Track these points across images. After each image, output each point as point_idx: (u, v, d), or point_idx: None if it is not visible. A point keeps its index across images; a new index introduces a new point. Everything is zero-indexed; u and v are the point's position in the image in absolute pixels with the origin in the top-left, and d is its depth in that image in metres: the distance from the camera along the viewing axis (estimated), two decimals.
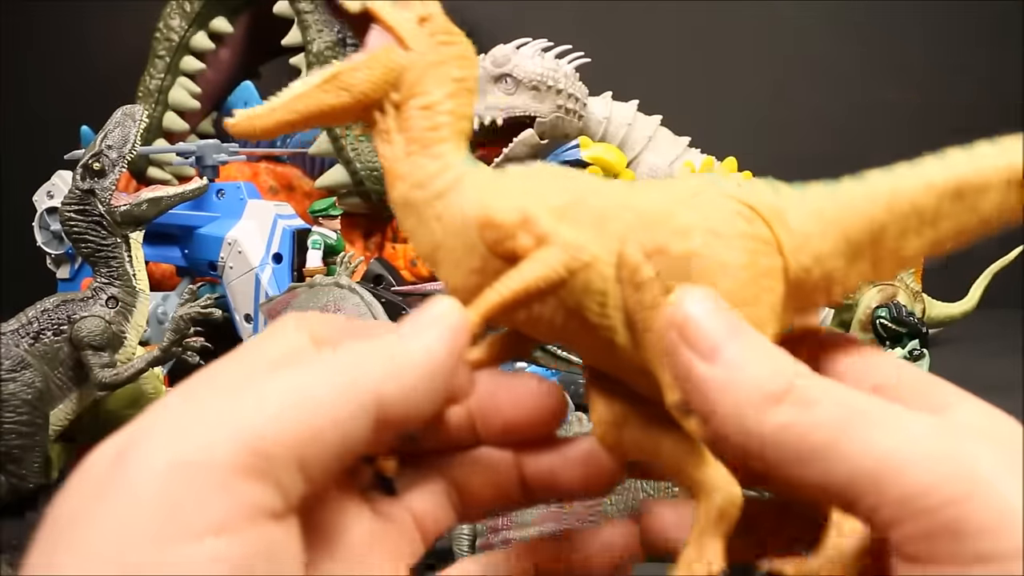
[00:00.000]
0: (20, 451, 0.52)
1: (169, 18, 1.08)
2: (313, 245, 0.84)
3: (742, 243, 0.23)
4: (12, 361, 0.53)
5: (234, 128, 0.25)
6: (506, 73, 1.02)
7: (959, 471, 0.18)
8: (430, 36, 0.27)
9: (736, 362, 0.20)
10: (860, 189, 0.25)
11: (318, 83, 0.26)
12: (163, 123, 1.08)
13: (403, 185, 0.26)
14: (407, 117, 0.26)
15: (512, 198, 0.24)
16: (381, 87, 0.26)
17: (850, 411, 0.19)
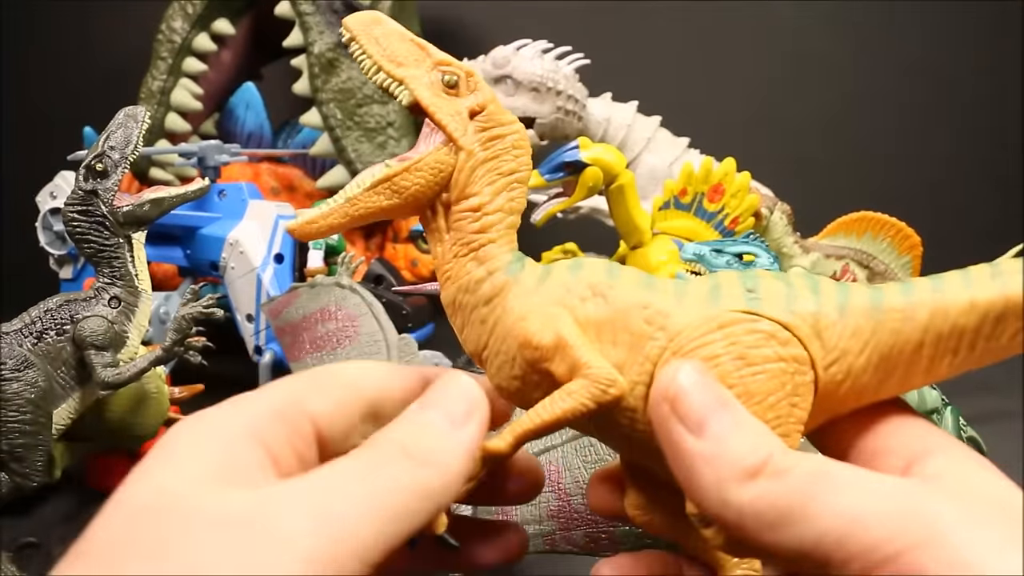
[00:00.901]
0: (23, 450, 0.53)
1: (171, 20, 1.09)
2: (314, 245, 0.85)
3: (774, 368, 0.24)
4: (15, 360, 0.53)
5: (293, 233, 0.26)
6: (506, 75, 1.02)
7: (916, 522, 0.19)
8: (482, 131, 0.27)
9: (721, 436, 0.22)
10: (901, 306, 0.24)
11: (370, 187, 0.26)
12: (165, 124, 1.08)
13: (452, 287, 0.27)
14: (457, 218, 0.27)
15: (551, 314, 0.25)
16: (432, 188, 0.26)
17: (816, 478, 0.20)
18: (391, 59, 0.26)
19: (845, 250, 0.94)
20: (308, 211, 0.26)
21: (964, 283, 0.24)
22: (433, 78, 0.27)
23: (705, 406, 0.22)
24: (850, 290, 0.25)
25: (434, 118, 0.26)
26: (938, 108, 1.42)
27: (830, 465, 0.21)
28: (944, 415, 0.64)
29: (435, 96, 0.26)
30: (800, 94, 1.43)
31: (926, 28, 1.41)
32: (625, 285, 0.26)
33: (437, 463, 0.22)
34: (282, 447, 0.22)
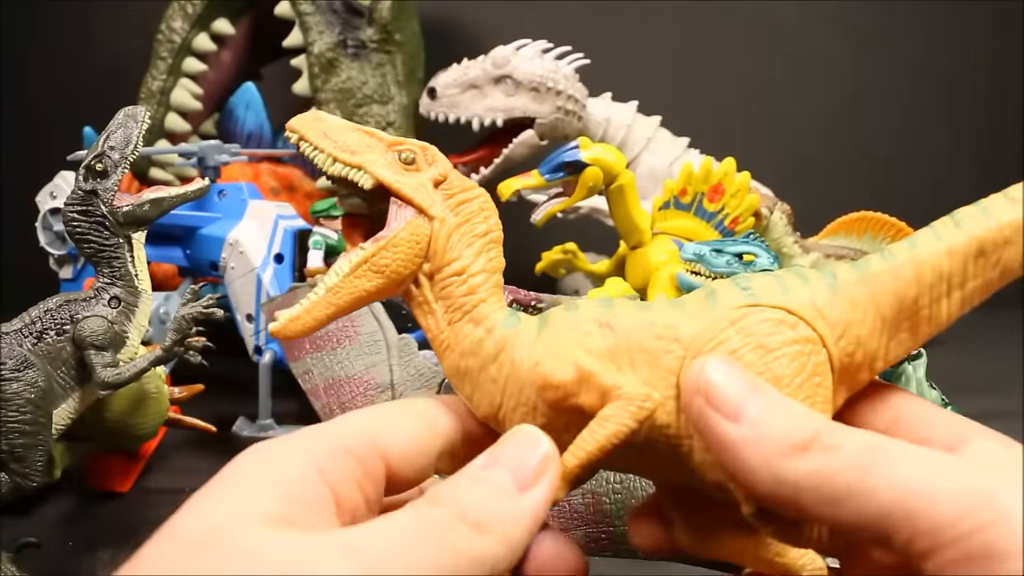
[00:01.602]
0: (23, 450, 0.53)
1: (171, 20, 1.09)
2: (314, 245, 0.85)
3: (791, 351, 0.24)
4: (15, 360, 0.53)
5: (278, 335, 0.26)
6: (506, 75, 1.02)
7: (982, 501, 0.19)
8: (449, 198, 0.27)
9: (760, 419, 0.22)
10: (886, 268, 0.25)
11: (349, 272, 0.26)
12: (165, 124, 1.08)
13: (453, 355, 0.27)
14: (443, 285, 0.27)
15: (564, 352, 0.25)
16: (413, 261, 0.26)
17: (873, 452, 0.20)
18: (344, 149, 0.28)
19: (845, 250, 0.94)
20: (290, 310, 0.26)
21: (935, 236, 0.25)
22: (390, 158, 0.27)
23: (739, 393, 0.22)
24: (835, 269, 0.26)
25: (400, 194, 0.27)
26: (938, 108, 1.42)
27: (882, 438, 0.21)
28: None
29: (396, 174, 0.27)
30: (800, 94, 1.43)
31: (926, 28, 1.41)
32: (626, 311, 0.26)
33: (498, 532, 0.21)
34: (348, 486, 0.22)
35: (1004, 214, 0.24)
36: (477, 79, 1.04)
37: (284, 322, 0.26)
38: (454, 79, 1.05)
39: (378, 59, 1.08)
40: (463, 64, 1.06)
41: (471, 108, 1.04)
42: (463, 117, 1.04)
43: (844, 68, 1.43)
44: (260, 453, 0.22)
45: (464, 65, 1.06)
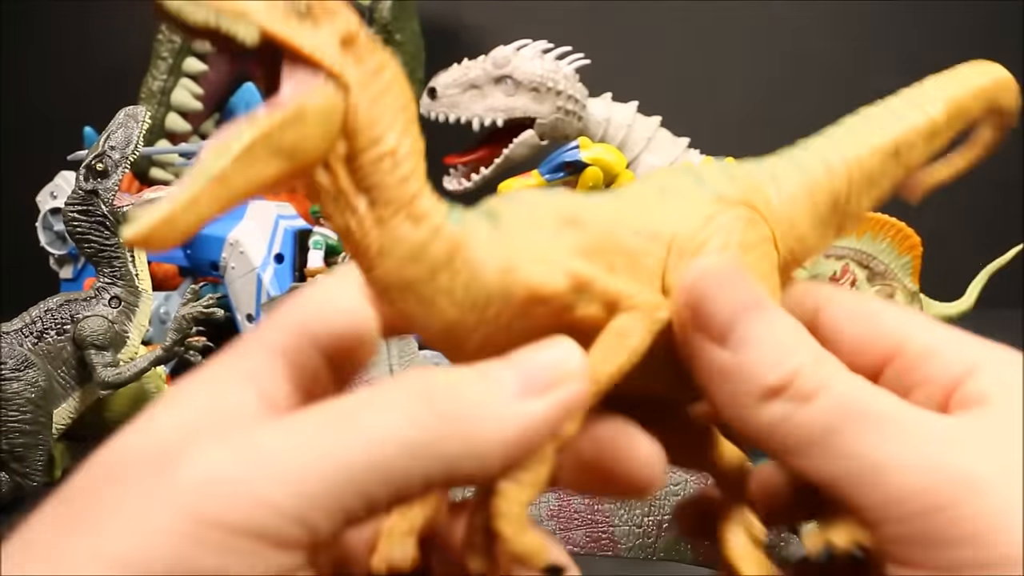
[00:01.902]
0: (24, 449, 0.53)
1: None
2: (314, 245, 0.85)
3: (764, 249, 0.23)
4: (16, 360, 0.53)
5: (142, 243, 0.19)
6: (506, 75, 1.02)
7: (950, 478, 0.17)
8: (360, 63, 0.21)
9: (744, 344, 0.19)
10: (820, 164, 0.25)
11: (243, 154, 0.20)
12: (166, 124, 1.08)
13: (389, 263, 0.20)
14: (367, 172, 0.20)
15: (546, 255, 0.20)
16: (327, 140, 0.20)
17: (846, 410, 0.18)
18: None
19: (845, 250, 0.94)
20: (156, 207, 0.19)
21: (854, 136, 0.26)
22: (278, 6, 0.20)
23: (731, 307, 0.19)
24: (771, 163, 0.25)
25: (302, 52, 0.20)
26: None
27: (865, 393, 0.19)
28: None
29: (290, 28, 0.20)
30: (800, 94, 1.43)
31: (926, 28, 1.41)
32: (589, 204, 0.22)
33: (469, 426, 0.17)
34: (280, 387, 0.18)
35: (911, 118, 0.26)
36: (477, 79, 1.04)
37: (151, 225, 0.18)
38: (454, 79, 1.05)
39: None
40: (463, 64, 1.06)
41: (471, 108, 1.04)
42: (463, 117, 1.04)
43: (844, 68, 1.43)
44: (194, 372, 0.19)
45: (464, 65, 1.06)
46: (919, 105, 0.26)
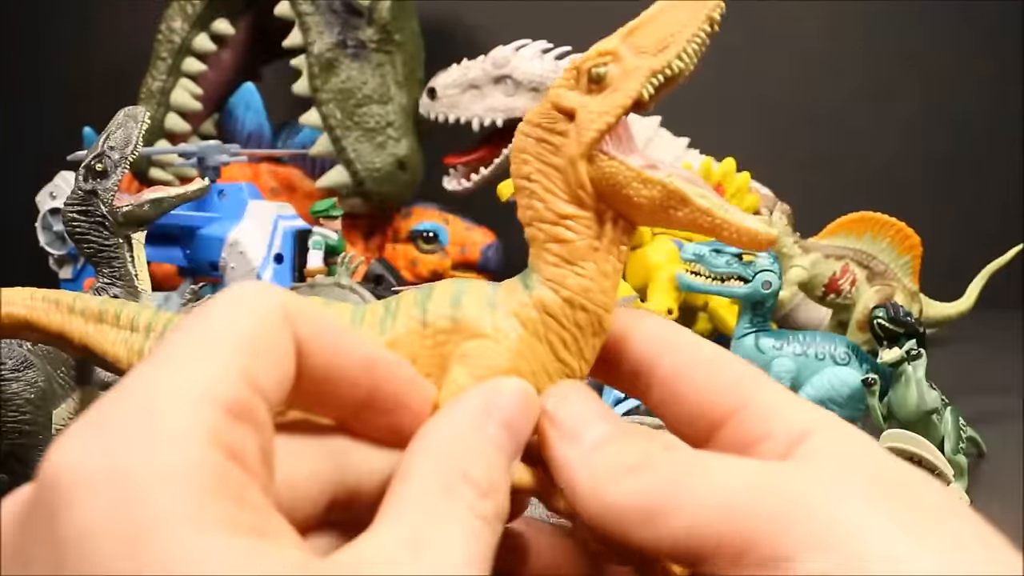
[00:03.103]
0: (23, 450, 0.53)
1: (171, 20, 1.09)
2: (314, 246, 0.85)
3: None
4: (15, 361, 0.53)
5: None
6: (506, 75, 1.03)
7: (779, 503, 0.18)
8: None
9: (597, 443, 0.21)
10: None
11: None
12: (165, 124, 1.08)
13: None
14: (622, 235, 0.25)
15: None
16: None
17: (688, 466, 0.20)
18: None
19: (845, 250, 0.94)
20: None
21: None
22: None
23: (582, 416, 0.22)
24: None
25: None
26: (938, 108, 1.42)
27: (704, 455, 0.20)
28: (944, 415, 0.64)
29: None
30: (800, 94, 1.43)
31: (926, 28, 1.41)
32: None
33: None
34: (254, 455, 0.17)
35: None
36: (477, 79, 1.04)
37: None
38: (454, 79, 1.05)
39: (378, 59, 1.08)
40: (463, 64, 1.06)
41: (471, 108, 1.04)
42: (463, 117, 1.04)
43: (844, 68, 1.43)
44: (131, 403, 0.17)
45: (464, 65, 1.06)
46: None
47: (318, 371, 0.19)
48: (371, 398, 0.21)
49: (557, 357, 0.24)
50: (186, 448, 0.16)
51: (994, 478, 0.67)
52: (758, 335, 0.69)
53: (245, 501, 0.16)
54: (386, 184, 1.06)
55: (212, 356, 0.17)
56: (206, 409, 0.16)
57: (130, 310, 0.29)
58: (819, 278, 0.93)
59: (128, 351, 0.28)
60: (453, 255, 1.10)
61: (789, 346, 0.68)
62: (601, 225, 0.24)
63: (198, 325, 0.18)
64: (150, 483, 0.15)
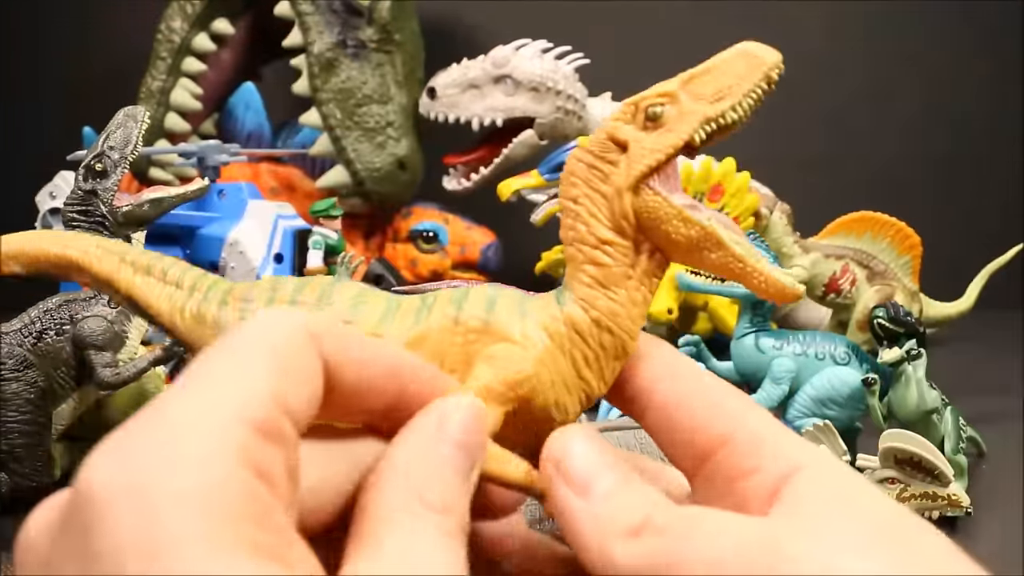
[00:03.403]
0: (23, 450, 0.53)
1: (170, 19, 1.09)
2: (314, 245, 0.85)
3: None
4: (15, 361, 0.53)
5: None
6: (506, 74, 1.02)
7: (773, 560, 0.19)
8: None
9: (604, 497, 0.22)
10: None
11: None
12: (165, 124, 1.08)
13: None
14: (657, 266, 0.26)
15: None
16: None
17: (689, 528, 0.21)
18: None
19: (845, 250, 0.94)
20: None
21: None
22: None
23: (590, 467, 0.22)
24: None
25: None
26: (938, 108, 1.42)
27: (702, 516, 0.21)
28: (944, 415, 0.64)
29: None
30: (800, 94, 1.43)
31: (926, 28, 1.41)
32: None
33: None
34: (280, 474, 0.18)
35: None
36: (477, 79, 1.04)
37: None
38: (454, 79, 1.05)
39: (378, 59, 1.08)
40: (463, 64, 1.06)
41: (471, 108, 1.04)
42: (463, 117, 1.04)
43: (844, 68, 1.43)
44: (162, 429, 0.17)
45: (464, 65, 1.06)
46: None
47: (347, 385, 0.21)
48: (397, 401, 0.22)
49: (579, 374, 0.25)
50: (211, 468, 0.16)
51: (994, 478, 0.67)
52: (758, 335, 0.69)
53: (268, 523, 0.17)
54: (386, 184, 1.06)
55: (242, 378, 0.18)
56: (236, 428, 0.17)
57: (178, 268, 0.30)
58: (819, 278, 0.93)
59: (171, 306, 0.29)
60: (453, 255, 1.10)
61: (789, 346, 0.68)
62: (637, 255, 0.25)
63: (229, 349, 0.19)
64: (170, 502, 0.16)
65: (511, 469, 0.23)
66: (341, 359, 0.20)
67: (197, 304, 0.28)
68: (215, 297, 0.28)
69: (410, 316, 0.26)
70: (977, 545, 0.56)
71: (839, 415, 0.66)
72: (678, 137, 0.25)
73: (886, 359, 0.64)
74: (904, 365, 0.64)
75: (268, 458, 0.17)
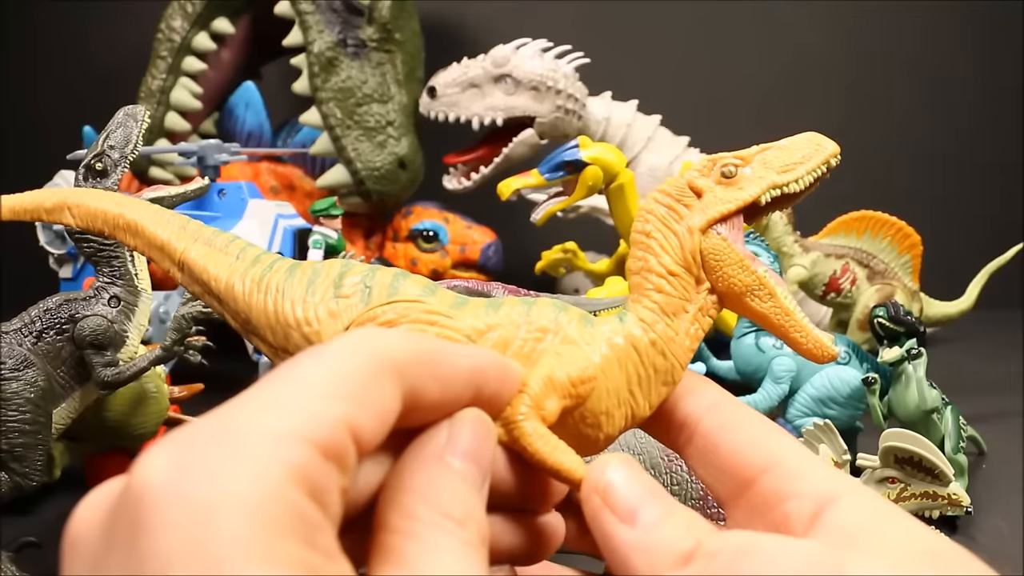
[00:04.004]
0: (23, 449, 0.53)
1: (171, 19, 1.09)
2: (314, 245, 0.85)
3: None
4: (15, 360, 0.53)
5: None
6: (506, 73, 1.02)
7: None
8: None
9: (653, 525, 0.22)
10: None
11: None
12: (165, 123, 1.08)
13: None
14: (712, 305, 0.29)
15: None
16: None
17: (742, 553, 0.21)
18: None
19: (845, 249, 0.94)
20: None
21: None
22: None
23: (635, 496, 0.23)
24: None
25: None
26: (938, 108, 1.42)
27: (755, 539, 0.22)
28: (944, 415, 0.64)
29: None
30: (800, 94, 1.43)
31: (926, 28, 1.41)
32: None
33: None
34: (334, 493, 0.18)
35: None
36: (477, 78, 1.04)
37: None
38: (454, 78, 1.05)
39: (378, 58, 1.08)
40: (463, 63, 1.06)
41: (471, 107, 1.04)
42: (463, 116, 1.04)
43: (844, 68, 1.43)
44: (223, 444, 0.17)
45: (464, 64, 1.06)
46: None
47: (429, 402, 0.22)
48: (475, 399, 0.23)
49: (629, 389, 0.27)
50: (264, 482, 0.16)
51: (994, 477, 0.67)
52: (758, 334, 0.69)
53: (316, 544, 0.17)
54: (386, 183, 1.06)
55: (314, 397, 0.18)
56: (296, 446, 0.17)
57: (239, 243, 0.31)
58: (819, 277, 0.93)
59: (229, 273, 0.30)
60: (453, 254, 1.10)
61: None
62: (697, 292, 0.28)
63: (309, 365, 0.19)
64: (223, 512, 0.16)
65: (571, 459, 0.25)
66: (426, 383, 0.21)
67: (260, 272, 0.30)
68: (282, 267, 0.30)
69: (481, 307, 0.27)
70: (977, 545, 0.56)
71: (839, 414, 0.66)
72: (748, 194, 0.28)
73: (886, 358, 0.64)
74: (904, 364, 0.64)
75: (325, 478, 0.18)
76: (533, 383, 0.25)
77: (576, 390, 0.26)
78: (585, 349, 0.26)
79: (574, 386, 0.25)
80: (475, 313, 0.27)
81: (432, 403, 0.22)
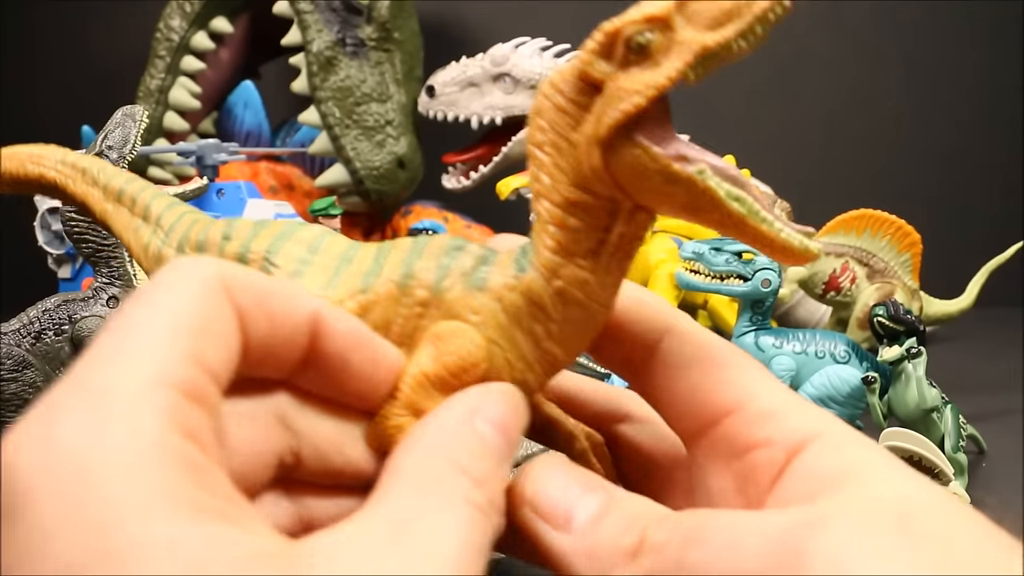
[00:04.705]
0: None
1: (169, 18, 1.09)
2: None
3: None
4: (13, 361, 0.53)
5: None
6: (505, 72, 1.02)
7: (787, 560, 0.17)
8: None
9: (589, 526, 0.20)
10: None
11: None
12: (164, 123, 1.08)
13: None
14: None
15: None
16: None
17: (692, 537, 0.19)
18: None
19: (845, 248, 0.94)
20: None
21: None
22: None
23: (567, 498, 0.20)
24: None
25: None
26: (938, 107, 1.42)
27: (705, 519, 0.19)
28: (944, 413, 0.64)
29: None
30: (800, 94, 1.42)
31: (926, 27, 1.41)
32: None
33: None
34: (208, 436, 0.17)
35: None
36: (476, 77, 1.03)
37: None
38: (453, 77, 1.04)
39: (377, 57, 1.08)
40: (462, 62, 1.06)
41: (470, 106, 1.04)
42: (462, 115, 1.04)
43: (844, 68, 1.43)
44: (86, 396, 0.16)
45: (463, 63, 1.06)
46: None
47: (259, 339, 0.19)
48: (311, 357, 0.20)
49: (539, 346, 0.22)
50: (142, 433, 0.15)
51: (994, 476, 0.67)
52: (758, 333, 0.69)
53: (209, 484, 0.16)
54: (385, 182, 1.06)
55: (161, 339, 0.17)
56: (162, 392, 0.16)
57: (147, 196, 0.28)
58: (819, 275, 0.93)
59: (136, 241, 0.27)
60: None
61: (789, 344, 0.68)
62: (612, 217, 0.21)
63: (142, 308, 0.18)
64: (106, 471, 0.15)
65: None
66: (256, 313, 0.19)
67: (159, 244, 0.26)
68: (174, 239, 0.26)
69: (358, 278, 0.23)
70: None
71: (839, 413, 0.66)
72: (666, 75, 0.19)
73: (886, 357, 0.64)
74: (904, 363, 0.64)
75: (195, 421, 0.16)
76: (405, 384, 0.21)
77: (459, 381, 0.21)
78: (470, 324, 0.21)
79: (455, 377, 0.21)
80: (348, 288, 0.23)
81: (258, 340, 0.19)
